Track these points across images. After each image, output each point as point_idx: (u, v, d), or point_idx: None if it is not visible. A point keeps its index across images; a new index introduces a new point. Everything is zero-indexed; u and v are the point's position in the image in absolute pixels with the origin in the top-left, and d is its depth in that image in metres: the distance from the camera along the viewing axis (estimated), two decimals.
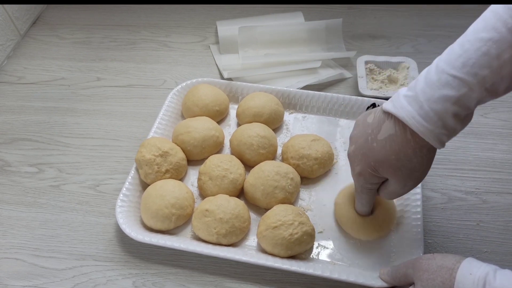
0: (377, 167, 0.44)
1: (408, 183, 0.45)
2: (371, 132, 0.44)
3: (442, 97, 0.39)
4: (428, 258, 0.43)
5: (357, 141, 0.46)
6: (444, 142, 0.41)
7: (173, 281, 0.54)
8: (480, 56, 0.37)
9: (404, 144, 0.42)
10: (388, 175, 0.45)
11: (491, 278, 0.37)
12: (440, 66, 0.40)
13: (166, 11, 0.97)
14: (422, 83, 0.41)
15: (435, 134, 0.40)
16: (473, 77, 0.38)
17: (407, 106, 0.41)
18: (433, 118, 0.39)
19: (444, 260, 0.41)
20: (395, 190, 0.47)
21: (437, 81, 0.39)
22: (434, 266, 0.41)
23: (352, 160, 0.48)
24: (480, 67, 0.38)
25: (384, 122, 0.43)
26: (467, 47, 0.38)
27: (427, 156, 0.43)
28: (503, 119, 0.71)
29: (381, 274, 0.50)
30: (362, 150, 0.45)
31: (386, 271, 0.49)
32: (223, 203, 0.55)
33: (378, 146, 0.43)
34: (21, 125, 0.74)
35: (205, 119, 0.67)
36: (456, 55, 0.39)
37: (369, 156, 0.44)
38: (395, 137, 0.42)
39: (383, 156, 0.43)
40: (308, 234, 0.53)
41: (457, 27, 0.89)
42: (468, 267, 0.39)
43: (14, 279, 0.55)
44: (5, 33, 0.86)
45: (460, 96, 0.38)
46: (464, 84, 0.38)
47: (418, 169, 0.43)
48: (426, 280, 0.41)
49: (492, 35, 0.37)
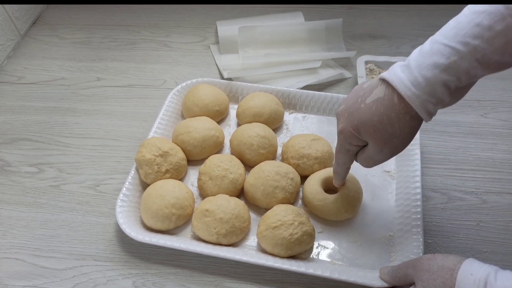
0: (359, 127, 0.45)
1: (385, 149, 0.45)
2: (362, 95, 0.45)
3: (432, 64, 0.40)
4: (429, 258, 0.43)
5: (348, 101, 0.47)
6: (430, 112, 0.42)
7: (173, 281, 0.54)
8: (473, 27, 0.38)
9: (389, 107, 0.42)
10: (367, 137, 0.45)
11: (492, 279, 0.37)
12: (434, 38, 0.41)
13: (166, 11, 0.97)
14: (416, 52, 0.42)
15: (421, 100, 0.41)
16: (464, 46, 0.39)
17: (399, 73, 0.42)
18: (421, 84, 0.40)
19: (445, 261, 0.41)
20: (372, 154, 0.47)
21: (429, 50, 0.40)
22: (435, 266, 0.41)
23: (338, 118, 0.48)
24: (471, 36, 0.38)
25: (376, 87, 0.44)
26: (461, 19, 0.40)
27: (409, 124, 0.43)
28: (503, 119, 0.71)
29: (381, 274, 0.50)
30: (349, 109, 0.46)
31: (386, 271, 0.49)
32: (223, 203, 0.55)
33: (365, 107, 0.44)
34: (21, 125, 0.74)
35: (205, 119, 0.67)
36: (450, 27, 0.40)
37: (354, 115, 0.45)
38: (382, 100, 0.43)
39: (367, 117, 0.44)
40: (308, 234, 0.53)
41: None
42: (469, 268, 0.39)
43: (14, 279, 0.55)
44: (5, 33, 0.86)
45: (450, 63, 0.39)
46: (454, 52, 0.39)
47: (397, 135, 0.44)
48: (426, 280, 0.41)
49: (486, 7, 0.38)
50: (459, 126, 0.70)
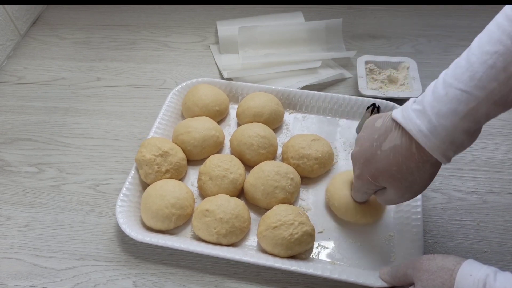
0: (377, 175, 0.44)
1: (406, 195, 0.45)
2: (377, 138, 0.44)
3: (450, 112, 0.38)
4: (429, 258, 0.43)
5: (363, 144, 0.46)
6: (450, 158, 0.41)
7: (173, 281, 0.54)
8: (487, 69, 0.37)
9: (408, 157, 0.42)
10: (387, 185, 0.45)
11: (491, 280, 0.37)
12: (447, 81, 0.39)
13: (166, 11, 0.97)
14: (430, 97, 0.40)
15: (442, 149, 0.40)
16: (481, 90, 0.37)
17: (415, 119, 0.40)
18: (441, 133, 0.39)
19: (445, 261, 0.41)
20: (392, 199, 0.47)
21: (445, 95, 0.39)
22: (435, 267, 0.41)
23: (354, 163, 0.48)
24: (487, 80, 0.37)
25: (391, 131, 0.43)
26: (473, 61, 0.38)
27: (429, 171, 0.42)
28: (503, 119, 0.71)
29: (381, 274, 0.50)
30: (365, 155, 0.45)
31: (386, 271, 0.49)
32: (223, 203, 0.55)
33: (382, 155, 0.43)
34: (21, 125, 0.74)
35: (205, 119, 0.67)
36: (462, 69, 0.39)
37: (371, 163, 0.44)
38: (399, 148, 0.42)
39: (384, 166, 0.43)
40: (308, 234, 0.53)
41: (457, 27, 0.89)
42: (469, 269, 0.39)
43: (14, 279, 0.55)
44: (5, 33, 0.86)
45: (469, 110, 0.38)
46: (472, 98, 0.38)
47: (418, 183, 0.43)
48: (426, 281, 0.41)
49: (498, 48, 0.37)
50: None
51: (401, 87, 0.75)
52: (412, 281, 0.44)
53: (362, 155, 0.46)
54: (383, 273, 0.49)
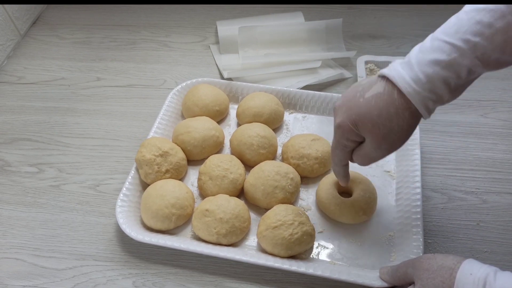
0: (357, 121, 0.44)
1: (383, 145, 0.45)
2: (361, 90, 0.45)
3: (432, 61, 0.40)
4: (429, 257, 0.43)
5: (346, 96, 0.47)
6: (429, 109, 0.42)
7: (173, 281, 0.54)
8: (473, 24, 0.39)
9: (388, 102, 0.42)
10: (365, 132, 0.45)
11: (491, 279, 0.37)
12: (435, 34, 0.41)
13: (166, 11, 0.97)
14: (417, 49, 0.42)
15: (422, 96, 0.41)
16: (464, 43, 0.39)
17: (399, 70, 0.42)
18: (422, 80, 0.40)
19: (445, 260, 0.41)
20: (369, 151, 0.46)
21: (430, 47, 0.41)
22: (435, 266, 0.41)
23: (336, 113, 0.48)
24: (472, 34, 0.39)
25: (376, 83, 0.44)
26: (462, 17, 0.40)
27: (408, 120, 0.43)
28: (503, 119, 0.71)
29: (381, 273, 0.50)
30: (347, 103, 0.46)
31: (386, 271, 0.49)
32: (223, 203, 0.55)
33: (364, 102, 0.44)
34: (21, 125, 0.74)
35: (205, 119, 0.67)
36: (451, 24, 0.41)
37: (352, 109, 0.45)
38: (382, 95, 0.43)
39: (365, 111, 0.43)
40: (308, 234, 0.53)
41: None
42: (469, 268, 0.39)
43: (14, 279, 0.55)
44: (5, 33, 0.86)
45: (451, 60, 0.39)
46: (455, 50, 0.39)
47: (396, 132, 0.43)
48: (426, 279, 0.41)
49: (487, 6, 0.38)
50: (459, 126, 0.70)
51: None
52: (412, 280, 0.44)
53: (345, 103, 0.46)
54: (383, 273, 0.49)
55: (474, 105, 0.73)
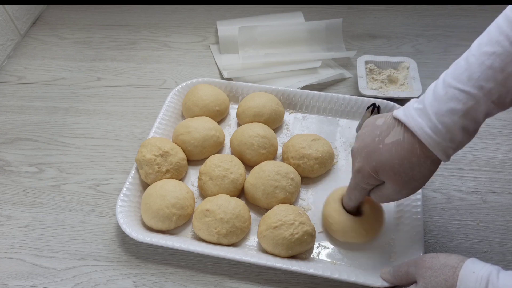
0: (378, 168, 0.44)
1: (404, 191, 0.45)
2: (379, 134, 0.45)
3: (449, 111, 0.40)
4: (432, 256, 0.43)
5: (364, 139, 0.46)
6: (449, 155, 0.42)
7: (173, 280, 0.54)
8: (485, 70, 0.38)
9: (410, 151, 0.42)
10: (386, 179, 0.45)
11: (494, 278, 0.37)
12: (447, 81, 0.40)
13: (166, 11, 0.97)
14: (430, 97, 0.41)
15: (442, 146, 0.40)
16: (479, 90, 0.38)
17: (417, 117, 0.41)
18: (441, 131, 0.40)
19: (448, 259, 0.42)
20: (389, 194, 0.47)
21: (444, 95, 0.40)
22: (438, 264, 0.42)
23: (355, 157, 0.48)
24: (485, 80, 0.38)
25: (394, 127, 0.44)
26: (472, 61, 0.39)
27: (429, 168, 0.43)
28: (503, 119, 0.71)
29: (382, 273, 0.50)
30: (367, 148, 0.45)
31: (387, 270, 0.49)
32: (224, 203, 0.55)
33: (384, 148, 0.44)
34: (21, 125, 0.74)
35: (205, 119, 0.67)
36: (461, 69, 0.40)
37: (372, 156, 0.45)
38: (402, 143, 0.42)
39: (387, 159, 0.43)
40: (308, 234, 0.53)
41: (457, 27, 0.89)
42: (472, 266, 0.40)
43: (14, 279, 0.55)
44: (6, 33, 0.86)
45: (467, 109, 0.39)
46: (470, 98, 0.39)
47: (417, 179, 0.44)
48: (429, 278, 0.41)
49: (496, 49, 0.38)
50: None
51: (401, 87, 0.75)
52: (414, 279, 0.44)
53: (364, 149, 0.46)
54: (384, 273, 0.49)
55: None
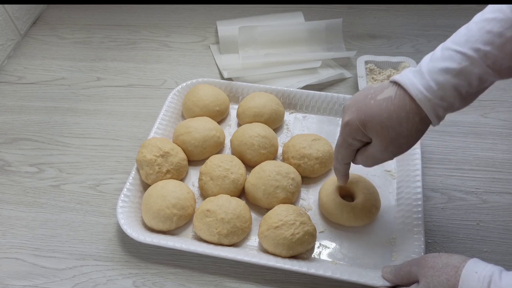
0: (366, 121, 0.45)
1: (390, 148, 0.45)
2: (373, 92, 0.46)
3: (443, 69, 0.41)
4: (434, 256, 0.43)
5: (357, 97, 0.47)
6: (439, 116, 0.42)
7: (173, 280, 0.54)
8: (483, 34, 0.39)
9: (399, 106, 0.43)
10: (373, 133, 0.45)
11: (497, 278, 0.37)
12: (446, 45, 0.42)
13: (166, 11, 0.97)
14: (427, 58, 0.43)
15: (433, 103, 0.41)
16: (475, 52, 0.39)
17: (411, 77, 0.42)
18: (433, 88, 0.41)
19: (450, 259, 0.42)
20: (375, 152, 0.47)
21: (441, 56, 0.41)
22: (440, 264, 0.42)
23: (345, 111, 0.48)
24: (482, 43, 0.39)
25: (388, 87, 0.45)
26: (472, 27, 0.41)
27: (417, 125, 0.43)
28: (503, 119, 0.71)
29: (383, 272, 0.50)
30: (358, 103, 0.46)
31: (389, 270, 0.49)
32: (225, 203, 0.55)
33: (375, 103, 0.44)
34: (21, 125, 0.74)
35: (206, 119, 0.66)
36: (461, 34, 0.41)
37: (362, 109, 0.45)
38: (393, 99, 0.43)
39: (376, 112, 0.44)
40: (309, 234, 0.53)
41: (457, 27, 0.87)
42: (474, 266, 0.40)
43: (14, 279, 0.55)
44: (6, 33, 0.86)
45: (461, 68, 0.40)
46: (466, 58, 0.40)
47: (404, 135, 0.44)
48: (431, 277, 0.41)
49: (496, 15, 0.39)
50: (459, 126, 0.70)
51: None
52: (416, 279, 0.44)
53: (355, 103, 0.47)
54: (386, 272, 0.50)
55: (474, 105, 0.71)
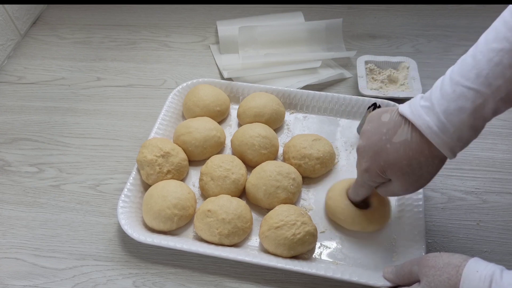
0: (386, 168, 0.44)
1: (410, 188, 0.46)
2: (386, 132, 0.44)
3: (458, 109, 0.39)
4: (435, 255, 0.43)
5: (370, 137, 0.46)
6: (456, 153, 0.42)
7: (173, 280, 0.54)
8: (493, 67, 0.38)
9: (418, 151, 0.42)
10: (394, 178, 0.45)
11: (498, 277, 0.37)
12: (454, 78, 0.40)
13: (166, 11, 0.97)
14: (438, 94, 0.41)
15: (450, 145, 0.41)
16: (487, 87, 0.38)
17: (424, 116, 0.41)
18: (449, 130, 0.40)
19: (451, 258, 0.42)
20: (396, 191, 0.47)
21: (452, 93, 0.40)
22: (441, 263, 0.42)
23: (362, 156, 0.48)
24: (493, 77, 0.38)
25: (400, 126, 0.43)
26: (480, 58, 0.39)
27: (437, 166, 0.43)
28: (503, 119, 0.71)
29: (385, 273, 0.50)
30: (374, 148, 0.45)
31: (390, 270, 0.49)
32: (225, 203, 0.55)
33: (392, 148, 0.43)
34: (22, 125, 0.74)
35: (206, 120, 0.66)
36: (469, 67, 0.39)
37: (380, 156, 0.45)
38: (410, 143, 0.42)
39: (395, 159, 0.43)
40: (310, 234, 0.53)
41: (457, 27, 0.89)
42: (475, 265, 0.40)
43: (14, 279, 0.55)
44: (6, 33, 0.86)
45: (476, 107, 0.39)
46: (479, 95, 0.39)
47: (425, 177, 0.44)
48: (432, 276, 0.41)
49: (504, 45, 0.37)
50: None
51: (401, 87, 0.75)
52: (417, 278, 0.44)
53: (371, 148, 0.46)
54: (387, 272, 0.50)
55: None
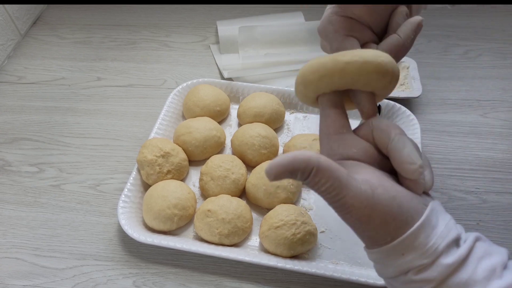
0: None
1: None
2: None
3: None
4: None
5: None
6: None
7: (173, 280, 0.54)
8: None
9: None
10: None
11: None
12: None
13: (166, 11, 0.97)
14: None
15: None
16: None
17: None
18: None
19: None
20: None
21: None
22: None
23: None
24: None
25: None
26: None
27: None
28: (503, 119, 0.71)
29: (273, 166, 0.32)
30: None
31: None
32: (225, 203, 0.55)
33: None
34: (22, 124, 0.74)
35: (206, 120, 0.66)
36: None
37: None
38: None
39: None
40: (310, 234, 0.53)
41: (457, 27, 0.89)
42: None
43: (14, 278, 0.55)
44: (6, 33, 0.86)
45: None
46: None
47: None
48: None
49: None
50: (459, 126, 0.70)
51: (401, 87, 0.75)
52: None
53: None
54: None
55: (474, 105, 0.74)
